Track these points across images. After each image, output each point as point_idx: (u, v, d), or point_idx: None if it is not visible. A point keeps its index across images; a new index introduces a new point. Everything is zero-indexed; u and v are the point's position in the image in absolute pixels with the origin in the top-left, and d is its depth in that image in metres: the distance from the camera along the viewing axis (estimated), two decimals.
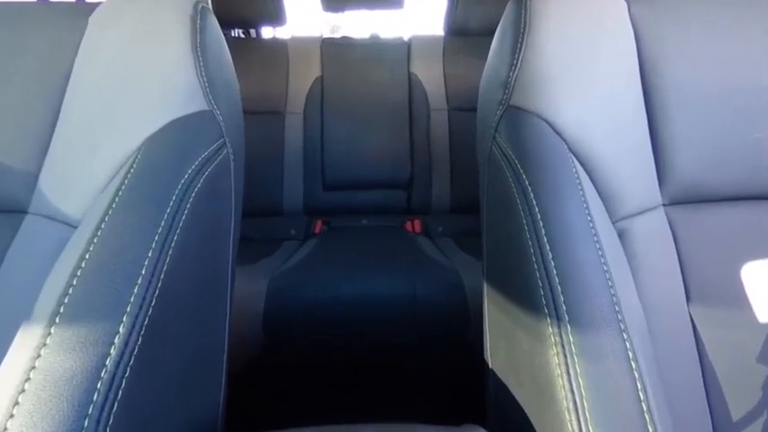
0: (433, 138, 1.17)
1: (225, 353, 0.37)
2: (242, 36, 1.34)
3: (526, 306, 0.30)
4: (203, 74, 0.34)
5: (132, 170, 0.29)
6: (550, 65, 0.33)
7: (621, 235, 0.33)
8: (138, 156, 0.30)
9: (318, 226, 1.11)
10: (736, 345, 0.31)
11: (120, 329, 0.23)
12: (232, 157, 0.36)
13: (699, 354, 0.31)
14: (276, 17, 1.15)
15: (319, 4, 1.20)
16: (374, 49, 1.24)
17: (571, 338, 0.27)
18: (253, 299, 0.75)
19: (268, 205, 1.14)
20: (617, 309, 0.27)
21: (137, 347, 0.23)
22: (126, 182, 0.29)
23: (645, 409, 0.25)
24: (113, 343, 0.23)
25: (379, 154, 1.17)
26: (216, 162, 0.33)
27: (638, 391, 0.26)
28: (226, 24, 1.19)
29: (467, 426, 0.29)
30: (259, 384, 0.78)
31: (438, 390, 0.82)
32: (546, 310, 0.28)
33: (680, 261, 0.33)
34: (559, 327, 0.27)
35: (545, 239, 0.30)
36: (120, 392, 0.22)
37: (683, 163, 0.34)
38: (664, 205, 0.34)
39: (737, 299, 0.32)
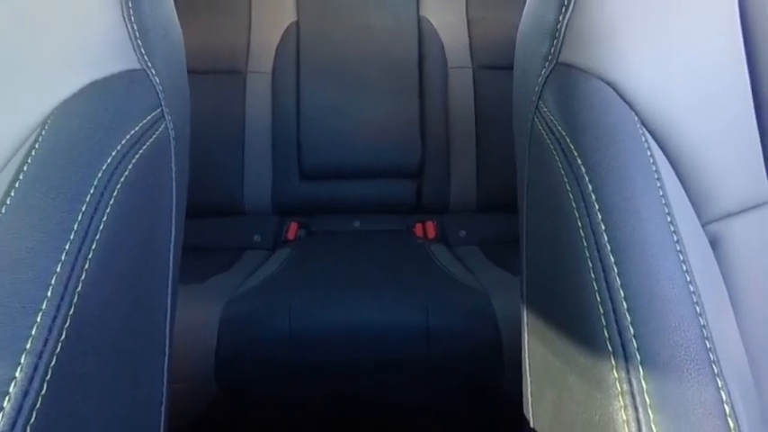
0: (452, 107, 1.18)
1: (163, 405, 0.37)
2: None
3: (581, 341, 0.31)
4: (132, 19, 0.34)
5: (34, 152, 0.29)
6: (616, 7, 0.34)
7: (715, 242, 0.33)
8: (43, 132, 0.30)
9: (293, 230, 1.12)
10: None
11: (17, 374, 0.23)
12: (173, 133, 0.36)
13: None
14: None
15: None
16: None
17: (644, 386, 0.27)
18: (202, 331, 0.76)
19: (223, 201, 1.14)
20: (708, 345, 0.28)
21: (40, 398, 0.24)
22: (26, 168, 0.29)
23: None
24: (7, 393, 0.23)
25: (378, 130, 1.17)
26: (150, 140, 0.33)
27: (728, 422, 0.26)
28: None
29: None
30: None
31: None
32: (609, 348, 0.29)
33: None
34: (628, 370, 0.28)
35: (608, 248, 0.30)
36: None
37: None
38: None
39: None
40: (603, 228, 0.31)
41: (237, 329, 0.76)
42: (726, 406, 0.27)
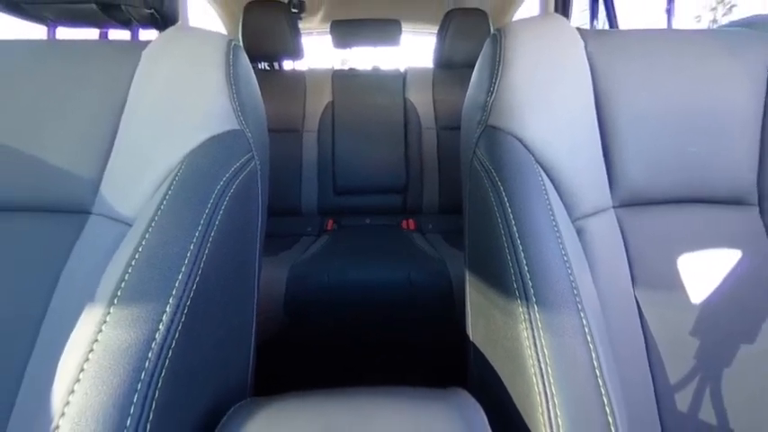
0: (424, 151, 1.17)
1: (253, 327, 0.36)
2: (267, 68, 1.34)
3: (501, 289, 0.30)
4: (235, 99, 0.33)
5: (177, 178, 0.29)
6: (520, 93, 0.33)
7: (579, 232, 0.32)
8: (182, 166, 0.30)
9: (330, 224, 1.11)
10: (673, 322, 0.31)
11: (167, 309, 0.23)
12: (259, 167, 0.36)
13: (642, 329, 0.31)
14: (295, 53, 1.16)
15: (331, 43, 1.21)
16: (376, 79, 1.23)
17: (537, 316, 0.27)
18: (276, 284, 0.75)
19: (289, 207, 1.14)
20: (575, 292, 0.27)
21: (180, 324, 0.23)
22: (172, 188, 0.29)
23: (598, 374, 0.25)
24: (161, 320, 0.23)
25: (380, 164, 1.17)
26: (246, 171, 0.33)
27: (592, 359, 0.26)
28: (254, 58, 1.19)
29: (451, 389, 0.29)
30: (281, 353, 0.78)
31: (428, 359, 0.82)
32: (517, 293, 0.28)
33: (627, 253, 0.33)
34: (528, 306, 0.27)
35: (516, 235, 0.29)
36: (168, 361, 0.22)
37: (630, 172, 0.34)
38: (614, 207, 0.34)
39: (674, 284, 0.32)
40: (514, 223, 0.30)
41: (297, 282, 0.76)
42: (585, 328, 0.27)
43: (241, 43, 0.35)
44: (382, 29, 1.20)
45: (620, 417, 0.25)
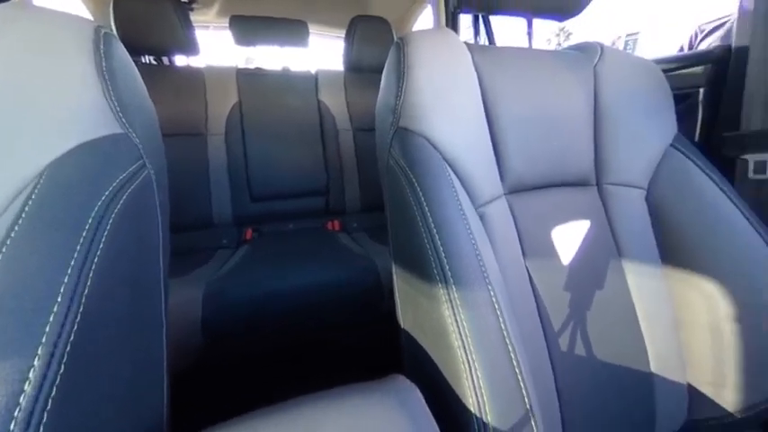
0: (342, 153, 1.17)
1: (164, 359, 0.31)
2: (154, 63, 1.15)
3: (423, 276, 0.33)
4: (113, 97, 0.28)
5: (34, 195, 0.23)
6: (424, 97, 0.36)
7: (481, 217, 0.37)
8: (41, 180, 0.23)
9: (249, 233, 1.02)
10: (552, 281, 0.39)
11: (35, 363, 0.18)
12: (154, 176, 0.31)
13: (533, 291, 0.38)
14: (188, 47, 1.02)
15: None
16: (286, 80, 1.18)
17: (455, 295, 0.30)
18: (191, 306, 0.66)
19: (199, 219, 1.00)
20: (483, 269, 0.31)
21: (59, 377, 0.19)
22: (28, 208, 0.22)
23: (505, 335, 0.30)
24: (27, 378, 0.18)
25: (299, 167, 1.12)
26: (137, 182, 0.28)
27: (500, 323, 0.30)
28: (134, 51, 1.00)
29: (390, 376, 0.30)
30: (203, 383, 0.69)
31: (365, 352, 0.83)
32: (437, 277, 0.31)
33: (517, 231, 0.39)
34: (447, 287, 0.30)
35: (432, 225, 0.32)
36: (42, 427, 0.17)
37: (514, 165, 0.40)
38: (505, 194, 0.40)
39: (551, 251, 0.40)
40: (429, 215, 0.33)
41: (216, 300, 0.68)
42: (493, 298, 0.31)
43: (114, 32, 0.29)
44: (288, 29, 1.15)
45: (524, 367, 0.30)
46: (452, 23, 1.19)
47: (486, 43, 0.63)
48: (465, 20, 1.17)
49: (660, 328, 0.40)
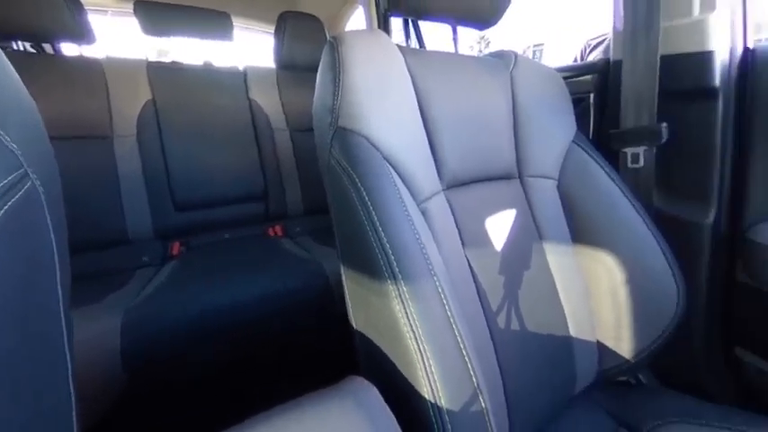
0: (279, 154, 1.12)
1: (74, 409, 0.26)
2: (32, 51, 0.95)
3: (373, 274, 0.33)
4: None
5: None
6: (362, 97, 0.36)
7: (423, 213, 0.39)
8: None
9: (176, 248, 0.91)
10: (489, 267, 0.42)
11: None
12: (42, 189, 0.25)
13: (473, 277, 0.41)
14: (79, 34, 0.86)
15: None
16: (210, 76, 1.08)
17: (405, 289, 0.31)
18: (106, 338, 0.56)
19: (110, 235, 0.86)
20: (428, 262, 0.33)
21: None
22: None
23: (452, 322, 0.32)
24: None
25: (232, 171, 1.04)
26: (17, 196, 0.23)
27: (446, 311, 0.32)
28: (5, 36, 0.81)
29: (347, 378, 0.29)
30: (135, 422, 0.59)
31: (320, 359, 0.80)
32: (386, 274, 0.31)
33: (456, 224, 0.42)
34: (396, 283, 0.31)
35: (378, 223, 0.33)
36: None
37: (449, 163, 0.43)
38: (443, 190, 0.42)
39: (486, 240, 0.43)
40: (373, 212, 0.33)
41: (138, 328, 0.59)
42: (439, 288, 0.32)
43: None
44: (209, 20, 1.05)
45: (470, 348, 0.32)
46: (384, 26, 1.22)
47: (417, 47, 0.67)
48: (396, 23, 1.21)
49: (575, 298, 0.47)
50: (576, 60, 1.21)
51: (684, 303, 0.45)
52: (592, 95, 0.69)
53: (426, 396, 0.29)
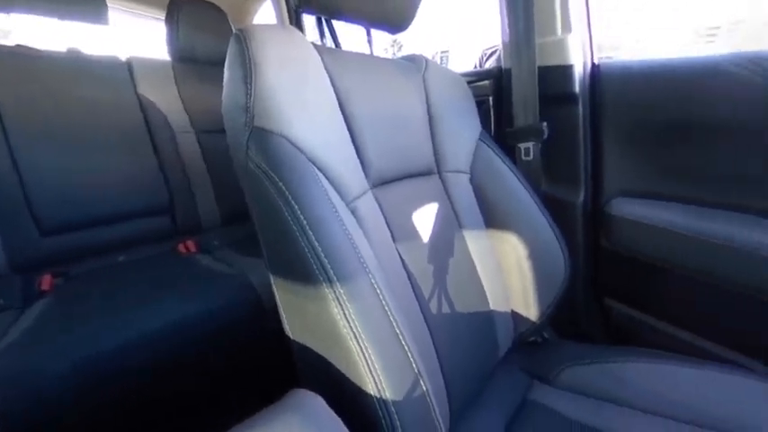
0: (185, 159, 0.98)
1: None
2: None
3: (306, 279, 0.32)
4: None
5: None
6: (278, 95, 0.35)
7: (353, 212, 0.39)
8: None
9: (46, 281, 0.72)
10: (419, 258, 0.45)
11: None
12: None
13: (405, 269, 0.43)
14: None
15: None
16: (77, 66, 0.88)
17: (341, 290, 0.30)
18: None
19: None
20: (362, 260, 0.33)
21: None
22: None
23: (389, 315, 0.33)
24: None
25: (122, 181, 0.87)
26: None
27: (383, 306, 0.33)
28: None
29: (290, 392, 0.28)
30: None
31: (259, 377, 0.74)
32: (320, 277, 0.31)
33: (386, 220, 0.43)
34: (331, 285, 0.30)
35: (307, 226, 0.31)
36: None
37: (374, 162, 0.44)
38: (370, 189, 0.43)
39: (414, 233, 0.46)
40: (302, 216, 0.32)
41: (7, 386, 0.45)
42: (375, 286, 0.33)
43: None
44: None
45: (408, 337, 0.34)
46: (297, 23, 1.17)
47: (333, 46, 0.66)
48: (309, 21, 1.18)
49: (491, 275, 0.53)
50: (476, 67, 1.36)
51: (569, 267, 0.55)
52: (491, 98, 0.78)
53: (372, 392, 0.30)
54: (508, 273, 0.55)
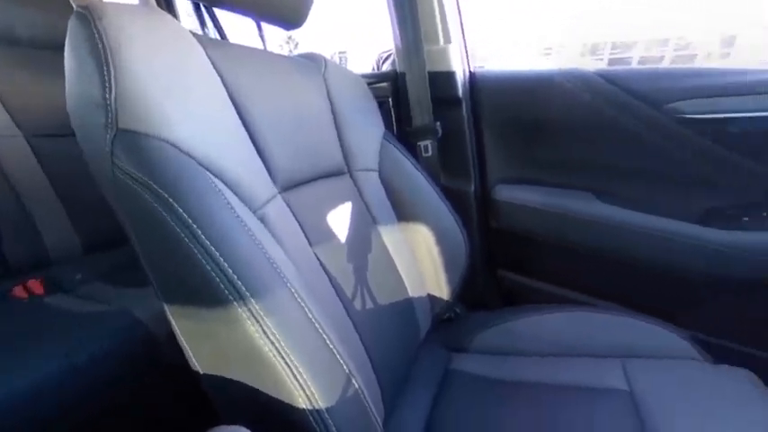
0: (17, 173, 0.73)
1: None
2: None
3: (213, 301, 0.28)
4: None
5: None
6: (150, 89, 0.29)
7: (262, 220, 0.36)
8: None
9: None
10: (339, 258, 0.45)
11: None
12: None
13: (325, 272, 0.42)
14: None
15: None
16: None
17: (257, 307, 0.28)
18: None
19: None
20: (277, 269, 0.31)
21: None
22: None
23: (314, 321, 0.32)
24: None
25: None
26: None
27: (306, 313, 0.31)
28: None
29: (214, 430, 0.24)
30: None
31: (173, 421, 0.61)
32: (231, 297, 0.27)
33: (299, 224, 0.41)
34: (245, 302, 0.28)
35: (207, 242, 0.28)
36: None
37: (281, 164, 0.41)
38: (279, 193, 0.41)
39: (331, 235, 0.45)
40: (200, 231, 0.28)
41: None
42: (295, 295, 0.31)
43: None
44: None
45: (336, 339, 0.33)
46: (167, 6, 1.00)
47: (218, 38, 0.59)
48: (185, 7, 1.02)
49: (407, 265, 0.57)
50: (373, 69, 1.42)
51: (469, 248, 0.63)
52: (390, 100, 0.83)
53: (303, 406, 0.28)
54: (421, 260, 0.60)
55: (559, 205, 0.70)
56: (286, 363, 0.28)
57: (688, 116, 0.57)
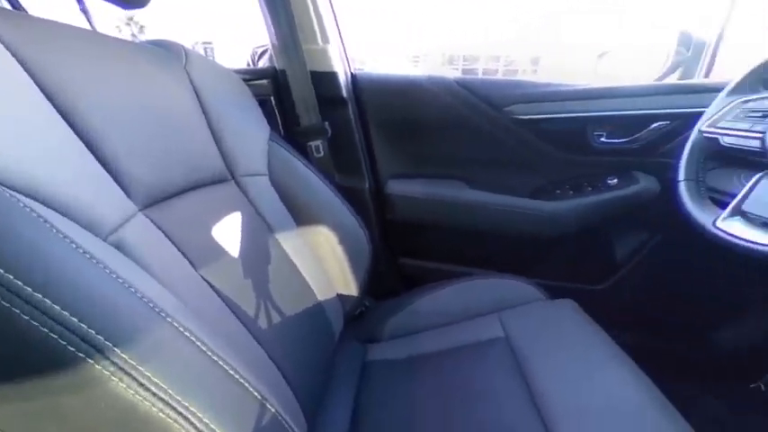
0: None
1: None
2: None
3: (54, 369, 0.21)
4: None
5: None
6: None
7: (118, 246, 0.29)
8: None
9: None
10: (231, 277, 0.40)
11: None
12: None
13: (218, 294, 0.37)
14: None
15: None
16: None
17: (125, 357, 0.22)
18: None
19: None
20: (149, 303, 0.25)
21: None
22: None
23: (210, 354, 0.27)
24: None
25: None
26: None
27: (199, 348, 0.27)
28: None
29: None
30: None
31: None
32: (84, 356, 0.21)
33: (174, 244, 0.35)
34: (107, 356, 0.21)
35: (32, 292, 0.20)
36: None
37: (140, 177, 0.34)
38: (140, 210, 0.33)
39: (220, 251, 0.40)
40: (18, 280, 0.20)
41: None
42: (180, 329, 0.26)
43: None
44: None
45: (241, 366, 0.29)
46: None
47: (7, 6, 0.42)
48: None
49: (312, 269, 0.55)
50: (248, 65, 1.30)
51: (370, 242, 0.66)
52: (273, 98, 0.78)
53: None
54: (325, 260, 0.59)
55: (439, 194, 0.81)
56: (178, 412, 0.23)
57: (518, 117, 0.75)
